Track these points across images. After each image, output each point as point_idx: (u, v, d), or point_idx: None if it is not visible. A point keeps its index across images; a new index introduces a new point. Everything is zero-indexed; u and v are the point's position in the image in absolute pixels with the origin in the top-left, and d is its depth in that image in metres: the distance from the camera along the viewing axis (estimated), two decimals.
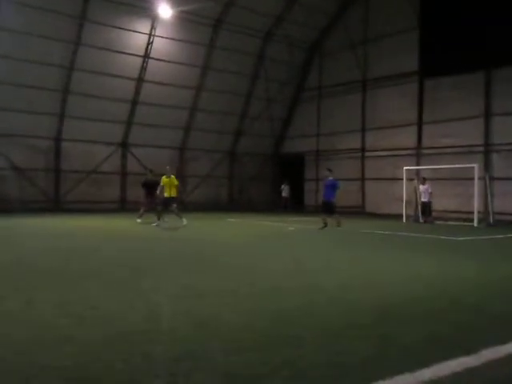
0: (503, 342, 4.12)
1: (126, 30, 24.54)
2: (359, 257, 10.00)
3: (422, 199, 21.54)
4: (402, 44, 25.44)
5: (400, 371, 3.44)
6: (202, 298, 5.81)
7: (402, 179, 22.45)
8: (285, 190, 29.80)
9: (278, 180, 31.26)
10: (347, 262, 9.28)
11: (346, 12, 28.47)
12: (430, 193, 21.38)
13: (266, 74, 29.07)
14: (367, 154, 27.63)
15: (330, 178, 16.70)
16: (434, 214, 21.64)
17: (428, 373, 3.44)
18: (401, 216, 21.98)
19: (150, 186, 17.72)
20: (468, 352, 3.84)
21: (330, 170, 17.12)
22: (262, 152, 30.95)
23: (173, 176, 16.93)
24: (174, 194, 16.66)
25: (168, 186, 16.56)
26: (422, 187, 21.74)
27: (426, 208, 21.40)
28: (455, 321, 4.93)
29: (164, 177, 16.70)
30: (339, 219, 16.29)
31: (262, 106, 29.78)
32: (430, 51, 24.14)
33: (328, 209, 16.43)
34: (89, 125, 24.65)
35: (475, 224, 19.65)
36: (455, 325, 4.78)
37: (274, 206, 30.05)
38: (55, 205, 24.22)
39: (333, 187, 16.46)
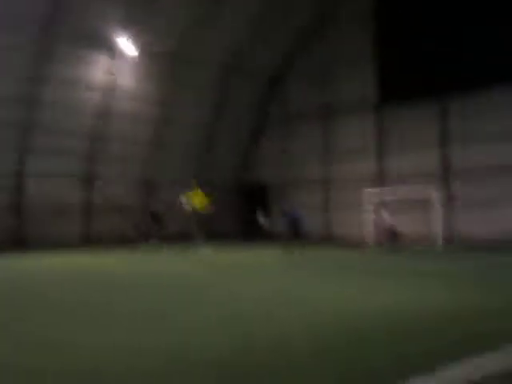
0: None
1: (87, 65, 24.53)
2: (323, 285, 10.10)
3: (389, 225, 21.97)
4: (361, 74, 26.20)
5: None
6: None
7: (366, 206, 22.89)
8: (261, 218, 28.87)
9: (243, 210, 31.29)
10: (310, 289, 9.35)
11: (304, 43, 29.19)
12: (391, 221, 21.87)
13: (228, 106, 29.38)
14: (331, 182, 28.01)
15: (291, 212, 16.97)
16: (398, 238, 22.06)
17: None
18: (366, 243, 22.31)
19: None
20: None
21: (284, 206, 17.45)
22: (225, 183, 30.98)
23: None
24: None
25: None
26: (385, 215, 22.20)
27: (391, 234, 21.83)
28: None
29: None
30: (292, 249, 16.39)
31: (225, 137, 29.99)
32: (388, 81, 24.93)
33: (295, 238, 16.63)
34: (51, 160, 24.34)
35: (439, 247, 20.16)
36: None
37: (240, 236, 29.93)
38: (18, 243, 23.58)
39: (295, 219, 16.71)
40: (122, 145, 26.49)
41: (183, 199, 16.54)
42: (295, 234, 16.63)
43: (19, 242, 23.61)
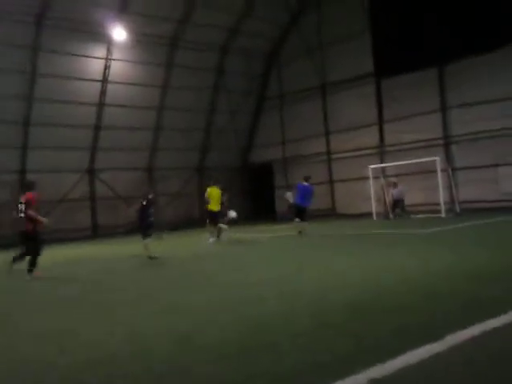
0: (466, 326, 4.39)
1: (81, 56, 24.46)
2: (332, 259, 10.26)
3: (395, 198, 22.08)
4: (356, 46, 25.99)
5: (372, 364, 3.66)
6: (182, 313, 5.96)
7: (369, 178, 22.98)
8: (290, 197, 28.70)
9: (249, 191, 31.49)
10: (319, 265, 9.51)
11: (299, 19, 28.97)
12: (403, 192, 22.03)
13: (226, 87, 29.34)
14: (333, 156, 28.08)
15: (306, 184, 17.05)
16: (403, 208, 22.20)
17: (398, 362, 3.67)
18: (371, 214, 22.45)
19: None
20: (435, 339, 4.09)
21: (306, 178, 17.42)
22: (230, 165, 31.11)
23: (214, 187, 16.62)
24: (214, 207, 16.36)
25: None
26: (394, 190, 22.26)
27: (399, 204, 21.96)
28: (424, 311, 5.20)
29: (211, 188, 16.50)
30: (305, 227, 16.51)
31: (226, 119, 30.02)
32: (384, 51, 24.75)
33: (300, 213, 16.74)
34: (53, 154, 24.47)
35: (442, 215, 20.26)
36: (424, 315, 5.04)
37: (248, 216, 30.16)
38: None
39: (306, 192, 16.81)
40: (124, 133, 26.54)
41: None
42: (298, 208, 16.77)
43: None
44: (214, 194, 16.54)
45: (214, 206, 16.41)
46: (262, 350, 4.29)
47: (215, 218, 16.44)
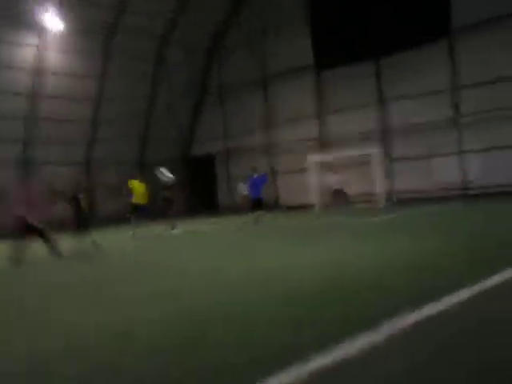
0: (400, 315, 4.48)
1: (13, 44, 23.41)
2: (278, 250, 10.30)
3: (335, 187, 22.52)
4: (296, 39, 26.22)
5: (314, 353, 3.65)
6: (124, 305, 5.80)
7: (311, 170, 23.28)
8: (243, 189, 27.95)
9: (191, 183, 31.19)
10: (266, 257, 9.51)
11: (239, 12, 28.85)
12: (343, 181, 22.47)
13: (167, 78, 28.85)
14: (275, 148, 28.23)
15: (256, 176, 17.16)
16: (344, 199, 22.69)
17: (339, 352, 3.69)
18: (313, 206, 22.76)
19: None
20: (375, 328, 4.15)
21: (254, 169, 17.57)
22: (171, 157, 30.66)
23: (137, 180, 16.47)
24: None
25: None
26: (335, 177, 22.69)
27: (341, 195, 22.43)
28: (366, 302, 5.27)
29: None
30: (258, 216, 16.64)
31: (166, 110, 29.53)
32: (323, 44, 25.11)
33: (257, 205, 16.86)
34: None
35: (380, 205, 20.83)
36: (366, 306, 5.11)
37: (190, 209, 29.90)
38: None
39: (258, 184, 16.94)
40: (60, 125, 25.61)
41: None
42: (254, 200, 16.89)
43: None
44: (136, 186, 16.19)
45: (140, 199, 16.03)
46: (210, 343, 4.21)
47: (142, 211, 16.08)
